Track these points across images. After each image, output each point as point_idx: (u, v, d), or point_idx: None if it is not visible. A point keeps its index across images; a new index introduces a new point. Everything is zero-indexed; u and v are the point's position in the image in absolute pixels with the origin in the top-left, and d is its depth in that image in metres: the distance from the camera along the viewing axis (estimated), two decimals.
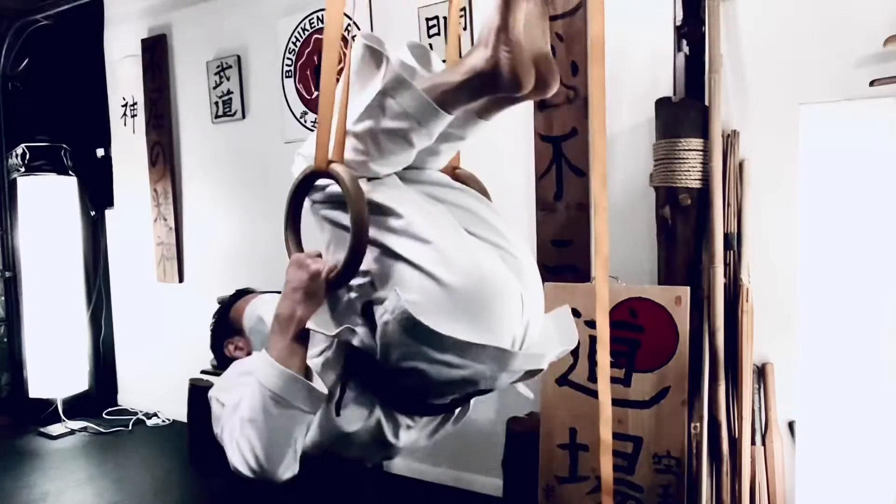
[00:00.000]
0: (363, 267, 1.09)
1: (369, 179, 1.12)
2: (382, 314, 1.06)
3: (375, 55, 1.08)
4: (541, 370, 1.16)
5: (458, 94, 1.05)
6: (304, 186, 1.20)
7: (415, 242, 1.05)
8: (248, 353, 1.51)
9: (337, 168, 1.11)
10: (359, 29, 3.06)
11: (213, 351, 1.61)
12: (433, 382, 1.09)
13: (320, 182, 1.15)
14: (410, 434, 1.25)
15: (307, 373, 1.12)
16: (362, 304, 1.12)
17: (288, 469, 1.12)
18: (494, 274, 1.07)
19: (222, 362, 1.58)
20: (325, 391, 1.11)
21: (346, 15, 3.39)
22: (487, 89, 1.05)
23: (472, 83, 1.03)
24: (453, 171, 1.44)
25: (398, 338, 1.04)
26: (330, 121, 1.13)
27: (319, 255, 1.19)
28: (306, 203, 1.23)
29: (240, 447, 1.09)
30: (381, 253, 1.08)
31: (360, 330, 1.12)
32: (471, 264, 1.05)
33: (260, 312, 1.40)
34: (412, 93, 1.03)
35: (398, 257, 1.05)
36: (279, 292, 1.31)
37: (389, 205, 1.08)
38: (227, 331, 1.58)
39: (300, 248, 1.24)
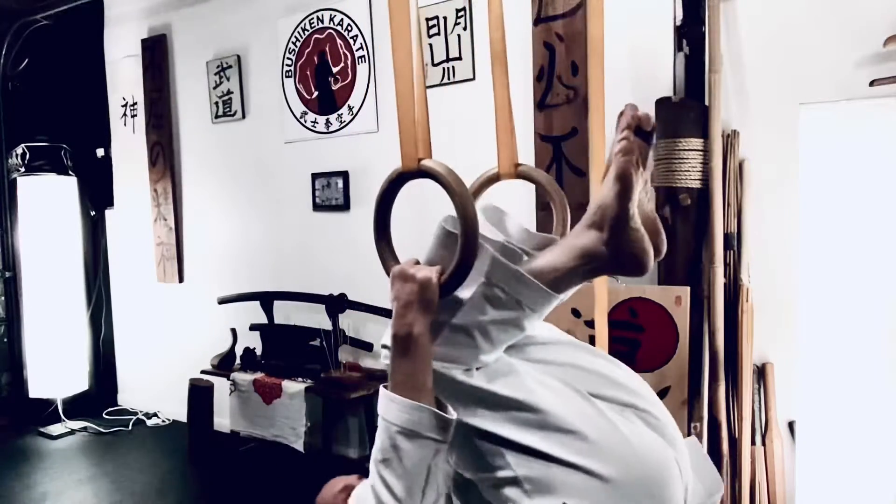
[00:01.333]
0: (510, 472, 1.00)
1: (478, 368, 1.03)
2: None
3: (470, 242, 0.98)
4: None
5: (572, 277, 1.02)
6: (393, 189, 1.09)
7: (561, 436, 0.98)
8: None
9: (430, 164, 1.03)
10: (359, 30, 3.06)
11: None
12: None
13: None
14: None
15: (434, 397, 1.04)
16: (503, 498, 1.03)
17: (431, 498, 1.04)
18: (649, 448, 1.02)
19: None
20: (455, 416, 1.04)
21: (342, 12, 3.36)
22: (605, 272, 1.03)
23: (587, 267, 1.00)
24: (515, 168, 1.39)
25: None
26: (412, 116, 1.04)
27: (417, 262, 1.08)
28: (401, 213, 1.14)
29: (375, 490, 1.01)
30: (528, 455, 0.99)
31: None
32: (622, 443, 0.99)
33: None
34: (522, 280, 0.98)
35: (549, 457, 0.98)
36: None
37: (517, 397, 1.00)
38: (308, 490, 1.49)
39: (396, 260, 1.12)
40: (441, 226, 1.03)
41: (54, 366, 3.98)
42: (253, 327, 3.32)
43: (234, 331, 3.34)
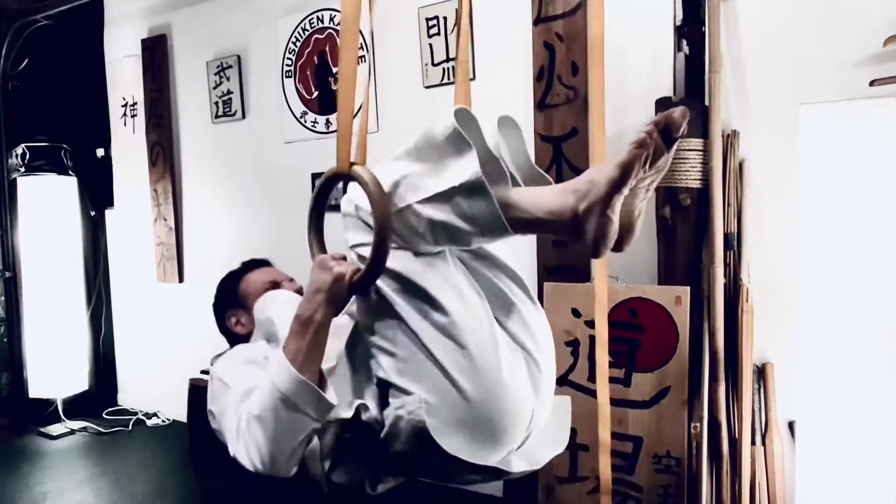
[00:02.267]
0: (395, 348, 1.08)
1: (417, 254, 1.08)
2: (399, 407, 1.08)
3: (461, 142, 1.03)
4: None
5: (530, 225, 1.04)
6: (327, 188, 1.21)
7: (452, 346, 1.05)
8: (248, 333, 1.51)
9: (359, 170, 1.10)
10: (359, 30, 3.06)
11: (215, 315, 1.63)
12: (425, 473, 1.17)
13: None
14: (388, 484, 1.27)
15: (321, 379, 1.12)
16: (381, 381, 1.12)
17: (288, 469, 1.14)
18: (515, 393, 1.09)
19: (221, 329, 1.60)
20: (335, 401, 1.11)
21: (340, 11, 3.37)
22: (559, 234, 1.05)
23: (548, 224, 1.02)
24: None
25: (405, 436, 1.07)
26: (350, 121, 1.12)
27: (344, 258, 1.17)
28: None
29: (245, 444, 1.10)
30: (416, 344, 1.06)
31: (371, 405, 1.13)
32: (496, 380, 1.06)
33: (271, 312, 1.37)
34: (489, 204, 0.99)
35: (431, 355, 1.05)
36: (298, 291, 1.30)
37: (435, 295, 1.05)
38: (232, 301, 1.58)
39: (323, 250, 1.22)
40: (454, 125, 1.03)
41: (54, 366, 3.98)
42: None
43: None
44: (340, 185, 1.20)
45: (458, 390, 1.04)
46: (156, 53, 3.88)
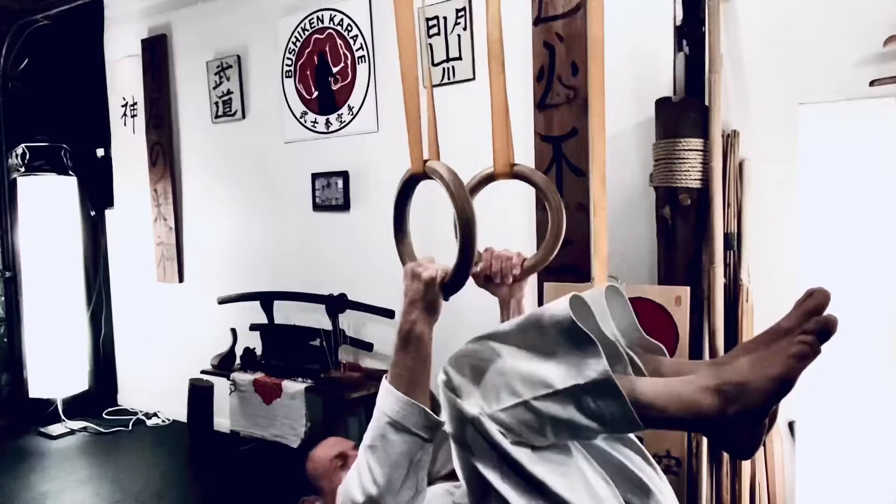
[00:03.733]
0: None
1: (535, 448, 0.99)
2: None
3: (580, 336, 0.94)
4: None
5: (665, 421, 0.95)
6: (406, 193, 1.16)
7: None
8: None
9: (434, 165, 1.07)
10: (359, 30, 3.06)
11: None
12: None
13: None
14: None
15: (431, 397, 1.09)
16: None
17: (405, 494, 1.08)
18: None
19: None
20: (444, 418, 1.05)
21: (342, 12, 3.36)
22: (698, 432, 0.99)
23: (686, 423, 0.96)
24: (511, 168, 1.38)
25: None
26: (419, 120, 1.08)
27: (432, 260, 1.12)
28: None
29: (359, 472, 1.08)
30: None
31: None
32: None
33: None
34: (619, 404, 0.91)
35: None
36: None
37: (566, 497, 0.95)
38: (304, 488, 1.55)
39: (413, 257, 1.17)
40: (571, 318, 0.95)
41: (54, 366, 3.98)
42: (253, 327, 3.32)
43: (234, 331, 3.34)
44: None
45: None
46: (156, 53, 3.88)
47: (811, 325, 0.90)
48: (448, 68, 2.79)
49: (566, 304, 0.96)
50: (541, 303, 2.12)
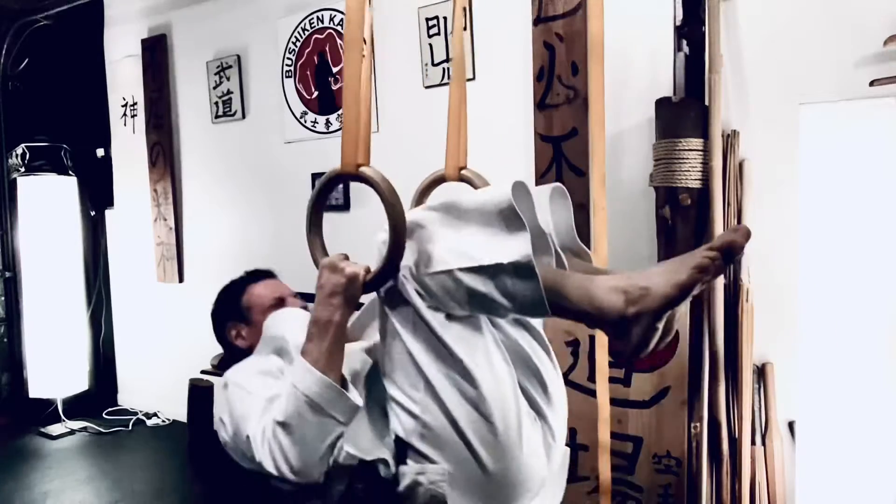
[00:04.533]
0: (419, 410, 1.07)
1: (450, 317, 1.06)
2: (420, 472, 1.07)
3: (515, 219, 0.99)
4: None
5: (571, 313, 1.01)
6: (328, 189, 1.19)
7: (478, 418, 1.04)
8: (249, 347, 1.49)
9: (367, 171, 1.09)
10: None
11: (213, 324, 1.60)
12: None
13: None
14: None
15: (343, 382, 1.12)
16: (400, 439, 1.10)
17: (318, 474, 1.12)
18: (531, 467, 1.09)
19: (220, 339, 1.59)
20: (360, 402, 1.12)
21: (342, 12, 3.36)
22: (598, 328, 1.04)
23: (589, 317, 1.00)
24: (459, 172, 1.45)
25: (421, 501, 1.07)
26: (357, 120, 1.09)
27: (346, 257, 1.16)
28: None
29: (272, 451, 1.09)
30: (442, 411, 1.05)
31: (389, 460, 1.12)
32: (516, 455, 1.06)
33: (284, 331, 1.33)
34: (534, 288, 0.97)
35: (457, 426, 1.04)
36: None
37: (468, 365, 1.04)
38: (234, 313, 1.56)
39: (325, 253, 1.20)
40: (510, 201, 0.99)
41: (54, 366, 3.98)
42: None
43: None
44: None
45: (479, 463, 1.05)
46: (156, 53, 3.88)
47: (717, 242, 0.96)
48: (448, 68, 2.79)
49: (508, 188, 1.00)
50: None
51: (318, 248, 1.20)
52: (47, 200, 4.00)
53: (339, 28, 3.13)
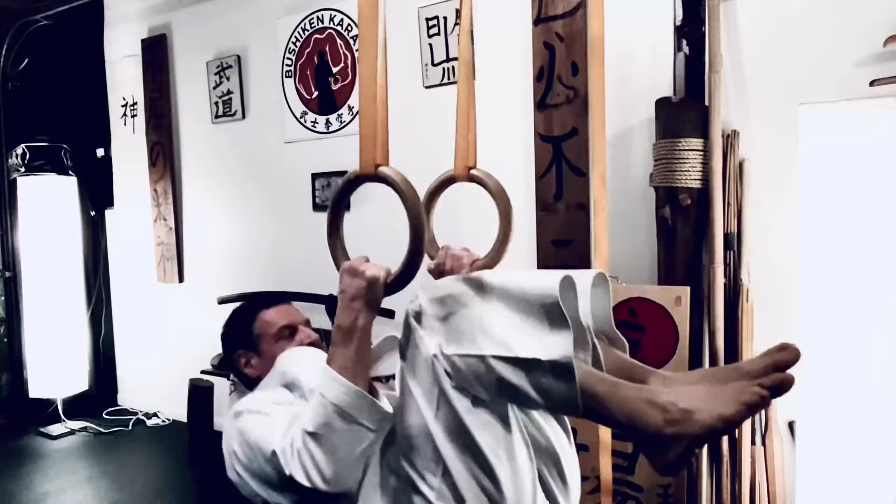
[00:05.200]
0: (433, 496, 1.05)
1: (476, 402, 1.03)
2: None
3: (558, 317, 0.96)
4: None
5: (604, 419, 0.97)
6: (348, 191, 1.16)
7: None
8: (257, 377, 1.48)
9: (386, 171, 1.07)
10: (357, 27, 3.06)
11: (223, 347, 1.57)
12: None
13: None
14: None
15: (371, 388, 1.10)
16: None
17: (353, 483, 1.10)
18: None
19: (229, 365, 1.56)
20: (391, 410, 1.09)
21: (342, 12, 3.36)
22: (632, 440, 1.03)
23: (623, 427, 0.96)
24: (468, 171, 1.43)
25: None
26: (374, 121, 1.07)
27: (367, 260, 1.14)
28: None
29: (302, 462, 1.05)
30: (455, 497, 1.04)
31: None
32: None
33: (297, 374, 1.30)
34: (570, 389, 0.94)
35: None
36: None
37: (489, 458, 1.02)
38: (244, 341, 1.52)
39: (347, 256, 1.18)
40: (556, 297, 0.96)
41: (54, 366, 3.97)
42: None
43: None
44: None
45: None
46: (156, 53, 3.88)
47: (769, 380, 0.90)
48: (448, 68, 2.79)
49: (557, 282, 0.97)
50: None
51: (339, 252, 1.17)
52: (47, 200, 4.00)
53: (338, 28, 3.13)
